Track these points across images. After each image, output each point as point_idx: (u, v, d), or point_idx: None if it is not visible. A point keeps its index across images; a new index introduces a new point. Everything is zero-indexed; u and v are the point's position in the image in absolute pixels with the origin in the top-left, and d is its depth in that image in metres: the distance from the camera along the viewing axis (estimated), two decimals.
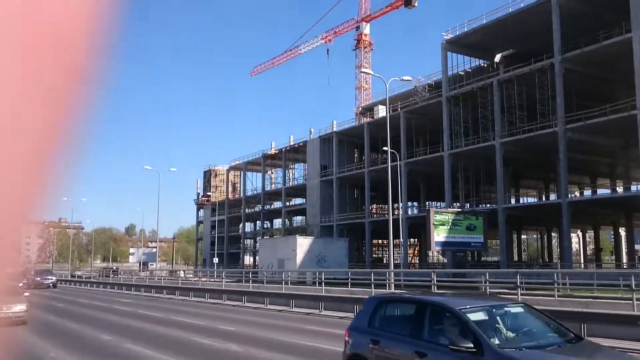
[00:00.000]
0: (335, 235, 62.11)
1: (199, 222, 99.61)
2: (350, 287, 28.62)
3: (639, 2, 37.30)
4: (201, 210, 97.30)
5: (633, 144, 40.04)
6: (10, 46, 0.69)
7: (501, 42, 51.01)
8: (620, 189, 48.12)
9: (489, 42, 51.27)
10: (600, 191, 58.42)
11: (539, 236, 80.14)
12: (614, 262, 65.77)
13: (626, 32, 38.48)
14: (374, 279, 26.34)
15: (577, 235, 74.84)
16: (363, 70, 57.57)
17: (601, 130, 41.82)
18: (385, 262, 67.79)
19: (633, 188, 45.49)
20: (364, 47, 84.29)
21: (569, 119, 42.02)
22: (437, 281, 22.55)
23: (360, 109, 78.36)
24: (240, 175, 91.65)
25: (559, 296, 21.59)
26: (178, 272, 60.88)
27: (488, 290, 22.27)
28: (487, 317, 6.89)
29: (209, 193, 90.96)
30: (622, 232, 60.85)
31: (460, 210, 49.74)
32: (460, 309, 6.78)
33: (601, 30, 41.00)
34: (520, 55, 49.63)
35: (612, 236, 69.62)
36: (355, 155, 71.70)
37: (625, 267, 49.84)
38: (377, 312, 7.95)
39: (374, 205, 73.68)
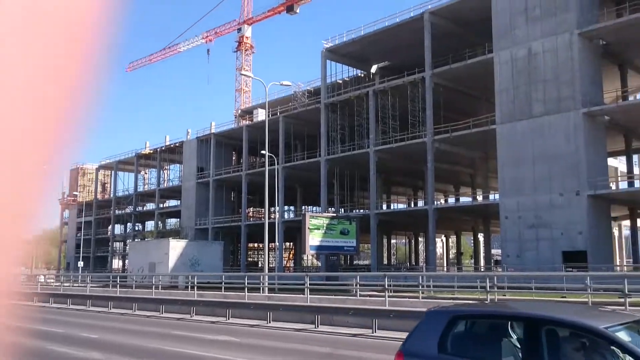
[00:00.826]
0: (210, 239, 61.06)
1: (63, 224, 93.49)
2: (224, 292, 28.24)
3: (499, 27, 40.51)
4: (66, 211, 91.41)
5: (492, 156, 43.38)
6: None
7: (378, 53, 53.10)
8: (480, 197, 51.96)
9: (366, 53, 53.19)
10: (462, 199, 62.62)
11: (407, 240, 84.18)
12: (473, 265, 70.65)
13: (489, 52, 41.64)
14: (248, 283, 26.20)
15: (442, 239, 79.56)
16: (243, 72, 57.26)
17: (465, 142, 44.90)
18: (260, 265, 67.73)
19: (491, 197, 49.24)
20: (245, 50, 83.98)
21: (437, 130, 44.64)
22: (310, 284, 22.86)
23: (239, 111, 77.87)
24: (110, 174, 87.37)
25: (423, 298, 22.74)
26: (37, 276, 56.70)
27: (359, 293, 22.97)
28: (630, 338, 5.09)
29: (75, 193, 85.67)
30: (481, 237, 65.56)
31: (335, 215, 51.03)
32: (606, 328, 4.96)
33: (467, 49, 44.04)
34: (396, 67, 52.02)
35: (472, 241, 74.76)
36: (234, 158, 71.09)
37: (482, 269, 53.63)
38: (452, 330, 5.90)
39: (251, 208, 73.49)
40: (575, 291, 22.18)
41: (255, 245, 78.76)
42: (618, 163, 52.91)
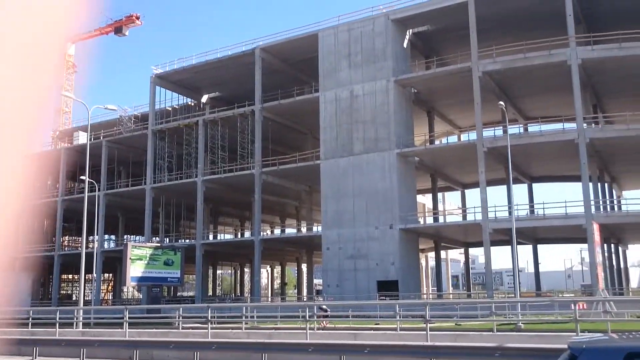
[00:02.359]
0: (17, 271, 55.38)
1: None
2: (32, 328, 25.85)
3: (325, 68, 43.08)
4: None
5: (316, 190, 45.47)
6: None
7: (209, 83, 53.22)
8: (304, 229, 53.93)
9: (197, 82, 53.03)
10: (288, 230, 64.36)
11: (233, 271, 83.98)
12: (296, 295, 72.47)
13: (315, 91, 43.97)
14: (60, 318, 24.31)
15: (267, 270, 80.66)
16: (64, 93, 53.67)
17: (291, 175, 46.55)
18: (75, 298, 62.82)
19: (315, 229, 51.31)
20: (67, 69, 78.87)
21: (265, 162, 45.72)
22: (130, 317, 21.89)
23: (58, 132, 72.51)
24: None
25: (246, 328, 22.96)
26: None
27: (182, 325, 22.51)
28: None
29: None
30: (304, 267, 67.70)
31: (159, 245, 49.39)
32: None
33: (296, 86, 46.05)
34: (227, 98, 52.54)
35: (296, 271, 76.86)
36: (49, 183, 65.72)
37: (305, 299, 55.31)
38: None
39: (66, 237, 68.26)
40: (387, 318, 23.95)
41: (70, 276, 73.05)
42: (425, 200, 58.35)
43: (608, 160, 42.72)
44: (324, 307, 23.74)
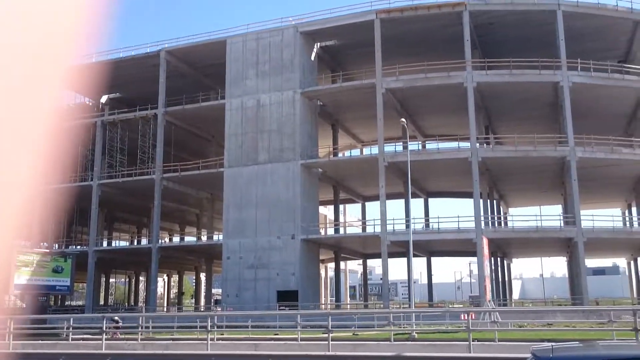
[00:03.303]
0: None
1: None
2: None
3: (232, 75, 42.77)
4: None
5: (219, 198, 44.85)
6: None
7: (109, 83, 51.05)
8: (204, 238, 52.94)
9: (96, 81, 50.69)
10: (187, 238, 62.88)
11: (127, 280, 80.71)
12: (193, 305, 70.83)
13: (221, 98, 43.50)
14: None
15: (163, 279, 78.24)
16: None
17: (193, 182, 45.64)
18: None
19: (215, 237, 50.49)
20: None
21: (166, 168, 44.51)
22: (14, 329, 20.41)
23: None
24: None
25: (142, 339, 22.13)
26: None
27: (71, 336, 21.33)
28: None
29: None
30: (203, 277, 66.40)
31: (48, 250, 46.53)
32: None
33: (202, 91, 45.32)
34: (128, 100, 50.64)
35: (194, 280, 75.15)
36: None
37: (202, 309, 54.20)
38: None
39: None
40: (287, 328, 23.99)
41: None
42: (327, 211, 59.26)
43: (497, 178, 45.52)
44: (116, 318, 24.48)
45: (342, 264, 57.53)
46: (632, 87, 38.85)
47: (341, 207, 56.40)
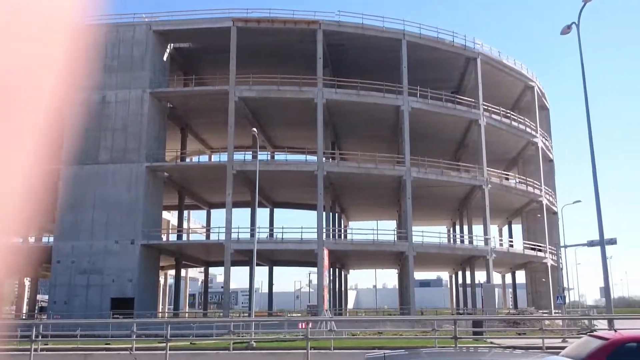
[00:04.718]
0: None
1: None
2: None
3: None
4: None
5: (53, 198, 41.52)
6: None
7: None
8: (32, 240, 48.46)
9: None
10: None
11: None
12: (14, 312, 64.65)
13: None
14: None
15: None
16: None
17: None
18: None
19: (45, 239, 46.60)
20: None
21: None
22: None
23: None
24: None
25: None
26: None
27: None
28: None
29: None
30: (27, 281, 60.94)
31: None
32: None
33: None
34: None
35: (17, 286, 68.63)
36: None
37: (24, 317, 49.77)
38: None
39: None
40: (121, 337, 22.86)
41: None
42: (171, 217, 57.57)
43: (340, 192, 47.50)
44: None
45: (183, 272, 56.17)
46: (462, 116, 42.86)
47: (186, 213, 55.14)
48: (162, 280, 59.95)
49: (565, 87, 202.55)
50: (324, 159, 40.15)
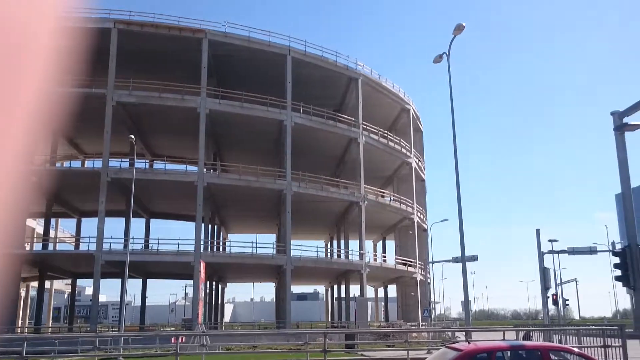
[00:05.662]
0: None
1: None
2: None
3: None
4: None
5: None
6: None
7: None
8: None
9: None
10: None
11: None
12: None
13: None
14: None
15: None
16: None
17: None
18: None
19: None
20: None
21: None
22: None
23: None
24: None
25: None
26: None
27: None
28: None
29: None
30: None
31: None
32: None
33: None
34: None
35: None
36: None
37: None
38: None
39: None
40: None
41: None
42: (36, 224, 53.77)
43: (220, 204, 46.99)
44: None
45: (47, 283, 52.55)
46: (342, 134, 44.22)
47: (53, 220, 51.75)
48: (23, 292, 55.65)
49: (438, 111, 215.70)
50: (204, 169, 39.57)
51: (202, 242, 39.14)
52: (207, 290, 49.55)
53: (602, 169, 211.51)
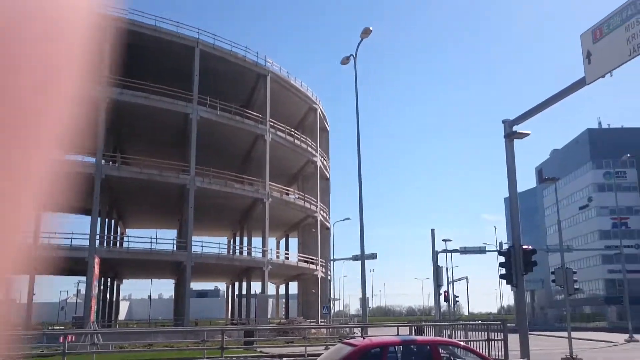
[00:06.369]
0: None
1: None
2: None
3: None
4: None
5: None
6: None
7: None
8: None
9: None
10: None
11: None
12: None
13: None
14: None
15: None
16: None
17: None
18: None
19: None
20: None
21: None
22: None
23: None
24: None
25: None
26: None
27: None
28: None
29: None
30: None
31: None
32: None
33: None
34: None
35: None
36: None
37: None
38: None
39: None
40: None
41: None
42: None
43: (119, 198, 45.25)
44: None
45: None
46: (249, 130, 43.98)
47: None
48: None
49: (346, 112, 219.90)
50: (103, 161, 37.96)
51: (97, 237, 37.53)
52: (102, 287, 47.60)
53: (492, 174, 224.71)
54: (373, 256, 54.49)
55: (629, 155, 58.12)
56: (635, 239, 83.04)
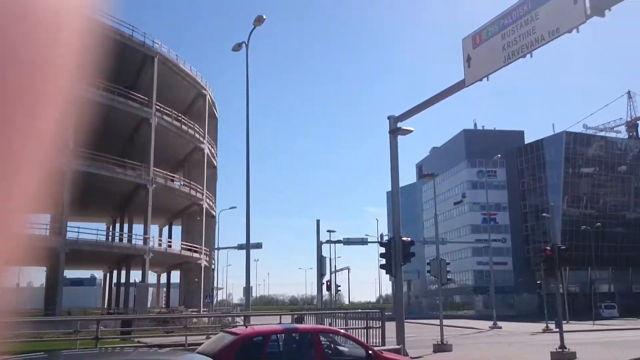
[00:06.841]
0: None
1: None
2: None
3: None
4: None
5: None
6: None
7: None
8: None
9: None
10: None
11: None
12: None
13: None
14: None
15: None
16: None
17: None
18: None
19: None
20: None
21: None
22: None
23: None
24: None
25: None
26: None
27: None
28: None
29: None
30: None
31: None
32: None
33: None
34: None
35: None
36: None
37: None
38: None
39: None
40: None
41: None
42: None
43: None
44: None
45: None
46: (134, 112, 42.21)
47: None
48: None
49: (234, 100, 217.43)
50: None
51: None
52: None
53: (376, 169, 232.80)
54: (258, 245, 54.61)
55: (499, 155, 62.67)
56: (502, 233, 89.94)
